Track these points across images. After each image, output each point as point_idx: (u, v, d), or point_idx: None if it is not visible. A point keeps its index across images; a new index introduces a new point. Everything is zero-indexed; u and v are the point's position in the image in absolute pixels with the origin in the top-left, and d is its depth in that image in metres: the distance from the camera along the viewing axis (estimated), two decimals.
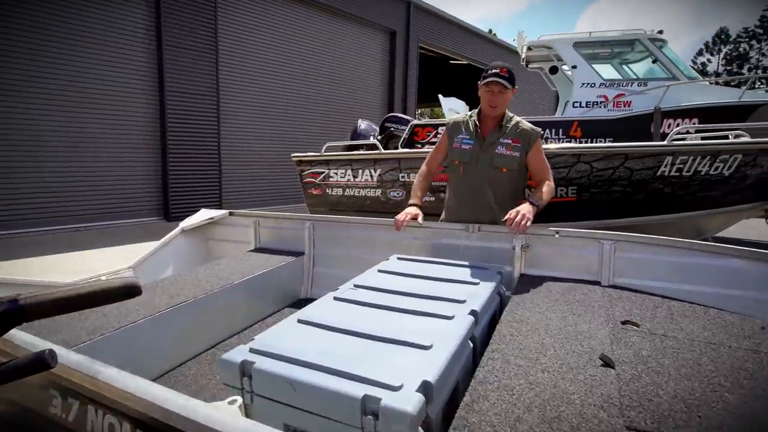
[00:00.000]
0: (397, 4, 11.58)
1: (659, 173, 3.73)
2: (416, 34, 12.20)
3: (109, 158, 6.73)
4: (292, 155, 5.20)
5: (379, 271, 1.72)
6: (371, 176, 4.60)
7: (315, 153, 5.03)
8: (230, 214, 2.72)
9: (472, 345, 1.26)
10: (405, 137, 5.45)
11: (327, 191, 4.94)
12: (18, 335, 0.80)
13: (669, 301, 1.58)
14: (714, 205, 3.93)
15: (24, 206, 5.95)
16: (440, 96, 7.85)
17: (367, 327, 1.17)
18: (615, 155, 3.75)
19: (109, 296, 0.65)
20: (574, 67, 6.24)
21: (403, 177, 4.42)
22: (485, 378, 1.06)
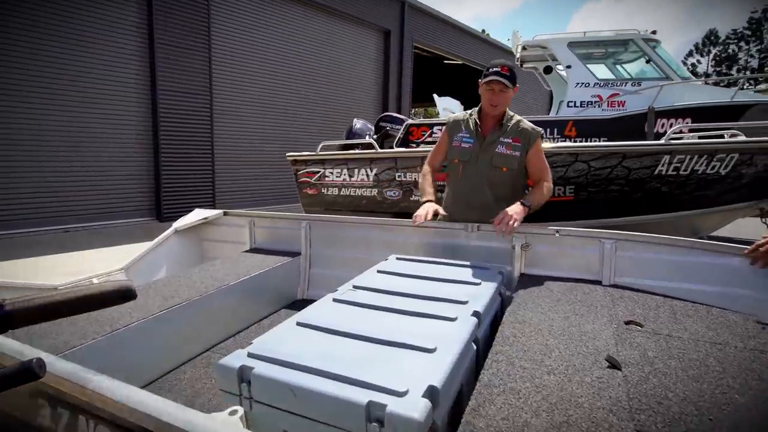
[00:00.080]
0: (392, 4, 11.55)
1: (656, 172, 3.74)
2: (410, 34, 12.18)
3: (100, 158, 6.62)
4: (287, 155, 5.15)
5: (379, 272, 1.70)
6: (367, 176, 4.56)
7: (310, 152, 4.99)
8: (225, 214, 2.68)
9: (475, 347, 1.24)
10: (400, 137, 5.43)
11: (322, 191, 4.89)
12: (4, 342, 0.76)
13: (671, 301, 1.56)
14: (710, 204, 3.95)
15: (12, 207, 5.84)
16: (435, 95, 7.85)
17: (369, 329, 1.14)
18: (613, 154, 3.75)
19: (103, 301, 0.61)
20: (569, 67, 6.26)
21: (400, 176, 4.39)
22: (490, 381, 1.04)
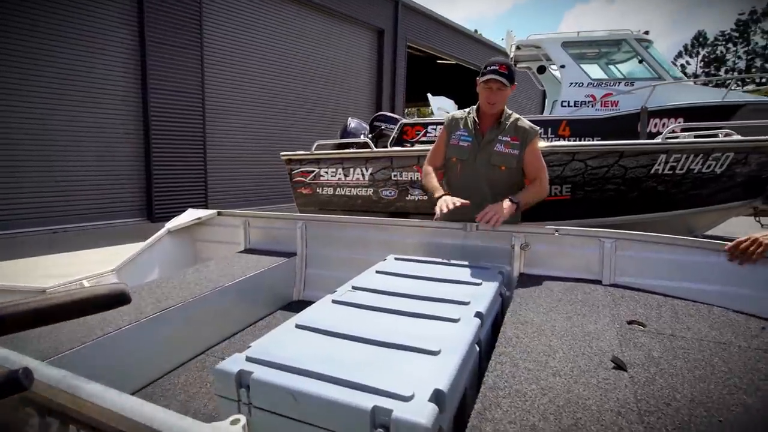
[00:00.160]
0: (385, 3, 11.52)
1: (653, 171, 3.75)
2: (404, 33, 12.16)
3: (88, 157, 6.50)
4: (282, 154, 5.09)
5: (377, 272, 1.67)
6: (363, 175, 4.52)
7: (305, 152, 4.94)
8: (219, 214, 2.64)
9: (478, 348, 1.22)
10: (394, 136, 5.40)
11: (317, 190, 4.84)
12: None
13: (672, 300, 1.56)
14: (706, 203, 3.98)
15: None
16: (429, 95, 7.84)
17: (370, 332, 1.11)
18: (609, 153, 3.75)
19: (96, 305, 0.58)
20: (563, 67, 6.28)
21: (396, 176, 4.36)
22: (495, 383, 1.02)
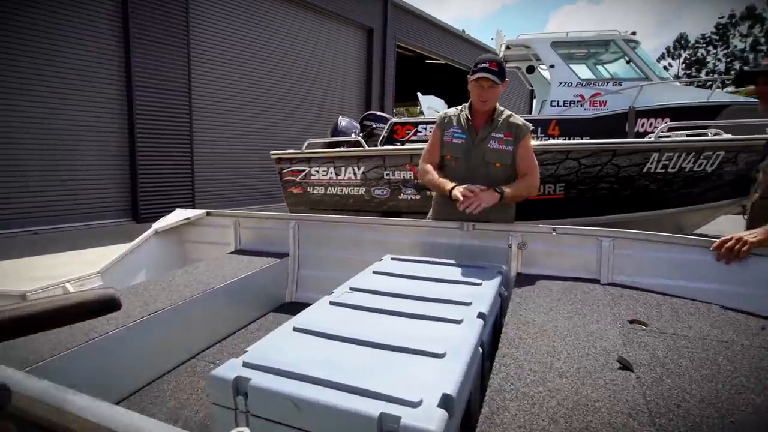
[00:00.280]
0: (375, 2, 11.47)
1: (645, 170, 3.79)
2: (393, 32, 12.14)
3: (71, 156, 6.31)
4: (272, 153, 5.01)
5: (374, 273, 1.64)
6: (355, 174, 4.47)
7: (296, 150, 4.87)
8: (208, 214, 2.57)
9: (481, 350, 1.19)
10: (384, 135, 5.37)
11: (308, 190, 4.78)
12: None
13: (671, 299, 1.55)
14: (696, 202, 4.04)
15: None
16: (419, 94, 7.83)
17: (371, 334, 1.07)
18: (603, 152, 3.78)
19: (83, 312, 0.53)
20: (552, 67, 6.32)
21: (388, 175, 4.32)
22: (501, 386, 0.99)
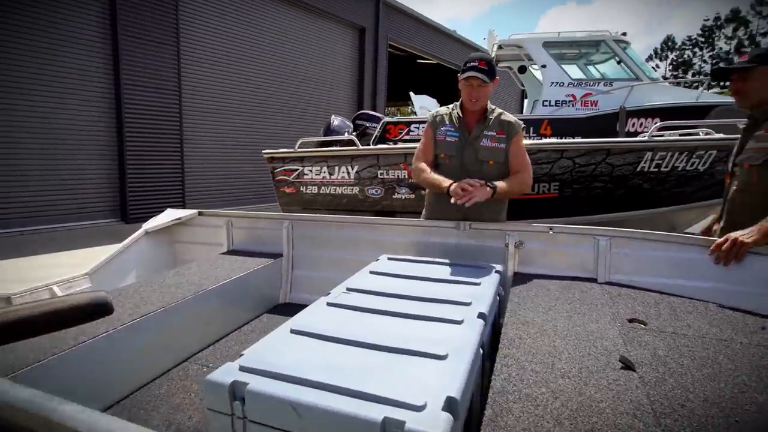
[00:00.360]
0: (366, 1, 11.44)
1: (639, 169, 3.82)
2: (385, 32, 12.11)
3: (58, 155, 6.18)
4: (264, 152, 4.95)
5: (371, 273, 1.61)
6: (348, 173, 4.44)
7: (288, 149, 4.81)
8: (200, 214, 2.52)
9: (482, 351, 1.17)
10: (377, 135, 5.34)
11: (301, 189, 4.74)
12: None
13: (668, 297, 1.55)
14: (689, 200, 4.08)
15: None
16: (412, 93, 7.83)
17: (371, 335, 1.05)
18: (597, 150, 3.80)
19: (74, 317, 0.50)
20: (544, 67, 6.36)
21: (382, 174, 4.30)
22: (503, 388, 0.98)
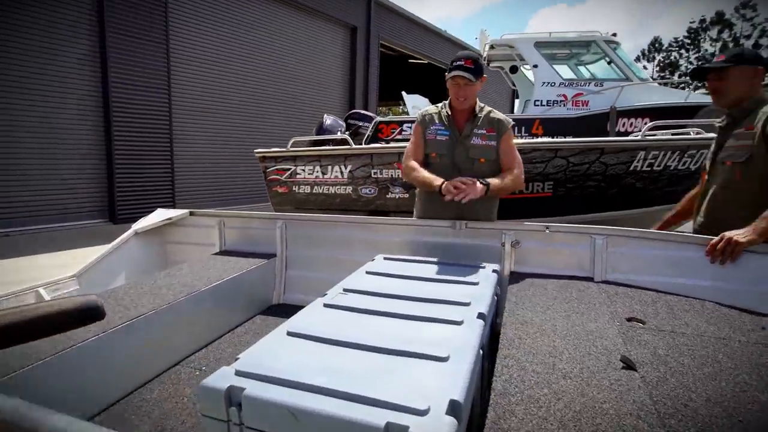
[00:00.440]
0: (358, 0, 11.40)
1: (632, 168, 3.85)
2: (377, 31, 12.09)
3: (44, 154, 6.04)
4: (256, 151, 4.89)
5: (368, 273, 1.59)
6: (341, 173, 4.40)
7: (281, 149, 4.76)
8: (191, 214, 2.48)
9: (482, 352, 1.16)
10: (369, 134, 5.32)
11: (294, 189, 4.69)
12: None
13: (665, 296, 1.56)
14: (680, 199, 4.10)
15: None
16: (404, 93, 7.81)
17: (370, 337, 1.03)
18: (591, 150, 3.82)
19: (63, 322, 0.47)
20: (536, 67, 6.38)
21: (376, 173, 4.27)
22: (505, 389, 0.96)
